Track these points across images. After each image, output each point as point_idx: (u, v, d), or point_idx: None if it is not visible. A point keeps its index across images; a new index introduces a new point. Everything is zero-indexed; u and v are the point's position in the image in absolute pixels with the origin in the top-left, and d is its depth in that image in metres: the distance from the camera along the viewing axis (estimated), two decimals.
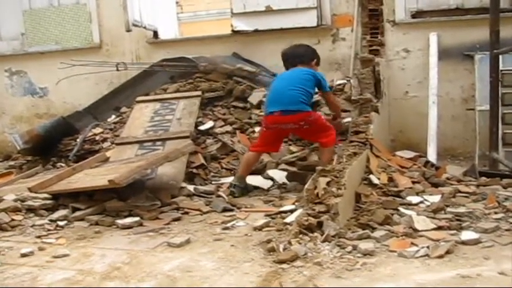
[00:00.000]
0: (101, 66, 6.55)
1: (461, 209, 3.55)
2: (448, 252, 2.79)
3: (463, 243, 2.94)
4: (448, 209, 3.56)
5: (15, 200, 4.07)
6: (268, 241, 3.06)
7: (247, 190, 4.51)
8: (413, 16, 6.01)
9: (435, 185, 4.16)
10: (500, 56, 4.83)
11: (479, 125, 5.44)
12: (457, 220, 3.36)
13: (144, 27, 6.83)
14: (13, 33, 7.64)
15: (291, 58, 4.72)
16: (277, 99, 4.44)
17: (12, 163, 6.81)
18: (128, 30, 6.46)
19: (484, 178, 4.36)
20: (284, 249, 2.89)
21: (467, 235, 3.04)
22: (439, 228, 3.22)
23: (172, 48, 6.92)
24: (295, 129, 4.55)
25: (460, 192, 3.99)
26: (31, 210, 4.01)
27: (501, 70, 4.93)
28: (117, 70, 6.49)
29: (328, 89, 4.73)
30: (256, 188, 4.59)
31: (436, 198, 3.80)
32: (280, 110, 4.39)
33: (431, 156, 5.21)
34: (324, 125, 4.53)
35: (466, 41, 5.78)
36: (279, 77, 4.73)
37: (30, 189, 4.19)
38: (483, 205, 3.67)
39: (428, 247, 2.85)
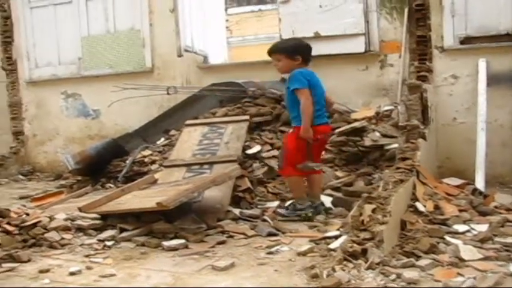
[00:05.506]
0: (152, 90, 6.71)
1: (510, 239, 3.47)
2: (496, 284, 2.71)
3: None
4: (496, 239, 3.48)
5: (66, 219, 4.20)
6: (312, 267, 3.06)
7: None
8: (462, 42, 5.97)
9: (483, 214, 4.07)
10: None
11: None
12: (506, 251, 3.27)
13: (195, 53, 6.99)
14: (71, 57, 7.99)
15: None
16: (323, 111, 4.52)
17: (63, 182, 7.05)
18: (180, 56, 6.62)
19: None
20: (328, 275, 2.87)
21: None
22: (487, 258, 3.15)
23: (221, 72, 7.05)
24: (325, 141, 4.67)
25: (508, 221, 3.88)
26: (80, 229, 4.13)
27: None
28: (168, 94, 6.64)
29: None
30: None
31: (483, 227, 3.71)
32: (327, 122, 4.55)
33: (479, 183, 5.10)
34: None
35: None
36: (316, 81, 4.52)
37: (80, 209, 4.32)
38: None
39: (475, 278, 2.78)
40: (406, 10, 6.17)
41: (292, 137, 4.48)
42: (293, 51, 4.49)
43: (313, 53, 4.68)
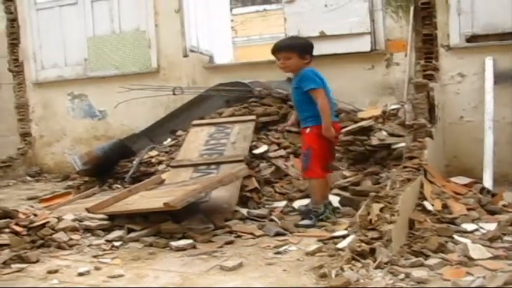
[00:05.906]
0: (158, 91, 6.72)
1: None
2: (506, 283, 2.69)
3: None
4: (505, 238, 3.47)
5: (74, 220, 4.22)
6: (320, 267, 3.06)
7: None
8: (468, 40, 5.94)
9: (491, 212, 4.06)
10: None
11: None
12: None
13: (201, 53, 7.00)
14: (77, 59, 8.03)
15: None
16: (334, 109, 4.52)
17: (70, 183, 7.06)
18: (185, 56, 6.63)
19: None
20: (336, 275, 2.86)
21: None
22: (496, 257, 3.14)
23: (227, 72, 7.06)
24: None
25: None
26: (88, 230, 4.14)
27: None
28: (174, 94, 6.64)
29: None
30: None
31: (492, 226, 3.70)
32: (337, 121, 4.60)
33: (487, 182, 5.08)
34: None
35: None
36: (325, 82, 4.46)
37: (87, 210, 4.32)
38: None
39: (484, 277, 2.77)
40: (411, 8, 6.16)
41: (311, 136, 4.34)
42: (304, 50, 4.41)
43: (319, 52, 4.68)
